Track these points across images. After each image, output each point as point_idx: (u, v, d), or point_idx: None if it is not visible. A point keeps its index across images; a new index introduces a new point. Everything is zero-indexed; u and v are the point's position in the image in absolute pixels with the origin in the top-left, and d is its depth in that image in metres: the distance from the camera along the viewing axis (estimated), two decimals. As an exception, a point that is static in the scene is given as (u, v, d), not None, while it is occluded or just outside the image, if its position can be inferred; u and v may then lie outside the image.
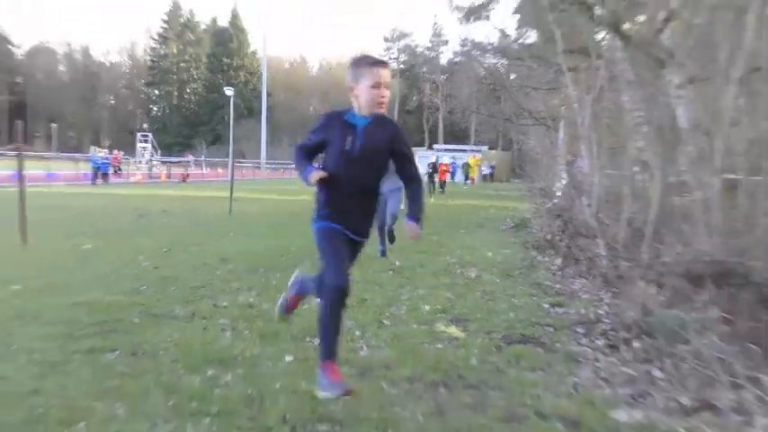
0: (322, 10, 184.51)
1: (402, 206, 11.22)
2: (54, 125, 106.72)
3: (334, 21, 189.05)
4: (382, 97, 5.07)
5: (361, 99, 5.09)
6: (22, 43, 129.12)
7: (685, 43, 11.03)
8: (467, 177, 59.96)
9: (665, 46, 11.48)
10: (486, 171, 70.65)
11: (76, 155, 66.00)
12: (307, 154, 5.22)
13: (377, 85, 5.03)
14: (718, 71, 9.57)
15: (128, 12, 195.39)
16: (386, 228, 12.05)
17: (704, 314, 6.58)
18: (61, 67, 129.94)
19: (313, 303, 8.10)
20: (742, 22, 9.85)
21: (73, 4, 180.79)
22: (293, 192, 37.81)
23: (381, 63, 5.18)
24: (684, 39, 11.14)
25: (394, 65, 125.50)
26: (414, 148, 5.77)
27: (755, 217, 8.47)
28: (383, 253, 12.01)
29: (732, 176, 9.30)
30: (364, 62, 5.16)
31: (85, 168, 48.28)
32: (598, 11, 13.19)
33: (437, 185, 40.93)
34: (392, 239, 12.19)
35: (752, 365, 5.61)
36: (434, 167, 41.16)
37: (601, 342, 6.96)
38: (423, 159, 42.13)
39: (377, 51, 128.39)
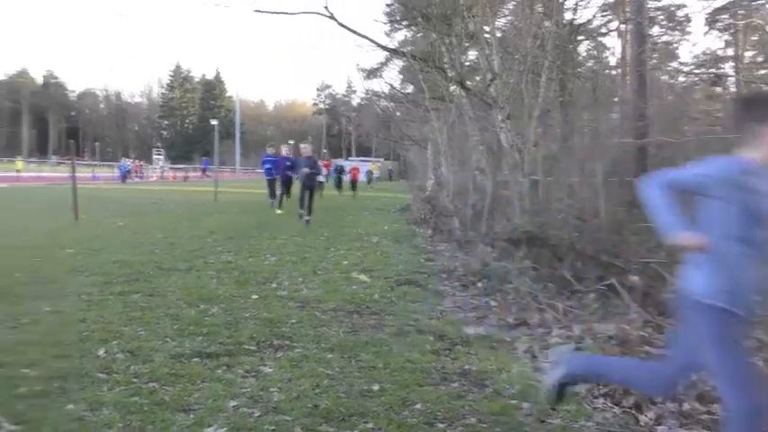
0: (276, 69, 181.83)
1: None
2: (97, 143, 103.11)
3: (285, 72, 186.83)
4: None
5: None
6: (75, 88, 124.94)
7: (504, 93, 11.18)
8: (369, 180, 53.74)
9: (492, 95, 11.60)
10: (377, 175, 66.74)
11: (112, 163, 63.91)
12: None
13: None
14: (524, 111, 9.74)
15: (147, 67, 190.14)
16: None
17: (520, 264, 6.67)
18: (101, 105, 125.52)
19: (267, 261, 7.96)
20: (538, 81, 10.08)
21: (111, 59, 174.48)
22: (254, 187, 37.35)
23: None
24: (503, 91, 11.29)
25: (322, 105, 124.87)
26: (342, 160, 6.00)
27: (549, 203, 8.66)
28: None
29: (535, 178, 9.48)
30: None
31: (117, 172, 46.90)
32: (450, 73, 13.24)
33: (349, 185, 32.23)
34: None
35: (550, 296, 5.70)
36: (341, 169, 34.99)
37: (456, 283, 7.00)
38: (346, 165, 39.46)
39: (311, 96, 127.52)
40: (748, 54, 28.16)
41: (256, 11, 13.53)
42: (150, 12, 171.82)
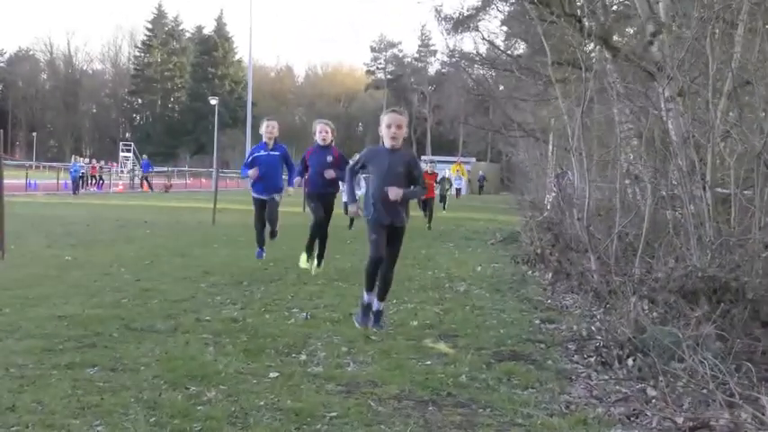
0: (309, 19, 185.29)
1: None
2: (35, 134, 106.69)
3: (320, 30, 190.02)
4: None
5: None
6: (3, 50, 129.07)
7: (675, 56, 11.05)
8: (443, 196, 43.02)
9: (655, 58, 11.51)
10: (460, 184, 65.07)
11: (56, 164, 65.95)
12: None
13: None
14: (708, 84, 9.58)
15: (111, 18, 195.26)
16: None
17: (698, 331, 6.55)
18: (43, 75, 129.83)
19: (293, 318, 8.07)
20: (732, 36, 9.90)
21: (57, 11, 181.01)
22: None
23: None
24: (674, 51, 11.16)
25: (381, 75, 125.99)
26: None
27: (747, 232, 8.46)
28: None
29: (723, 191, 9.31)
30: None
31: (66, 177, 48.29)
32: (587, 23, 13.22)
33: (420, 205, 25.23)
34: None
35: (747, 384, 5.58)
36: None
37: (593, 359, 6.93)
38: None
39: (363, 61, 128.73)
40: None
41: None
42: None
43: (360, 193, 11.96)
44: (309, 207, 11.61)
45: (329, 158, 11.11)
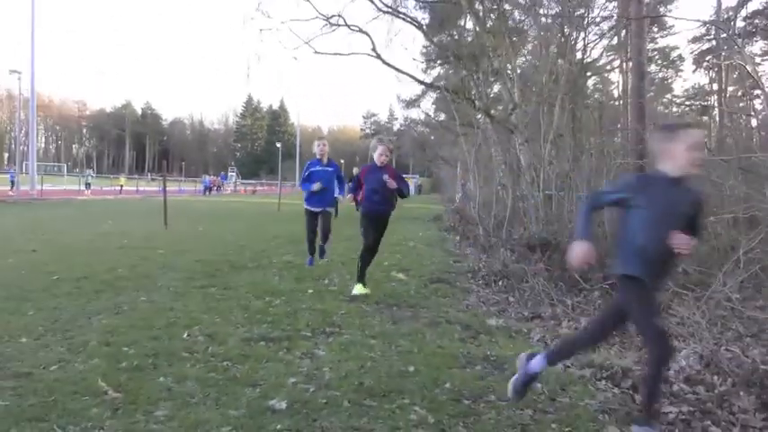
0: (330, 100, 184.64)
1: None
2: (183, 162, 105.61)
3: (337, 105, 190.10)
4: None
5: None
6: (166, 118, 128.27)
7: (523, 121, 11.11)
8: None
9: (513, 122, 11.51)
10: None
11: (195, 179, 65.49)
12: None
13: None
14: (540, 136, 9.65)
15: (222, 98, 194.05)
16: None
17: (536, 267, 6.59)
18: (187, 131, 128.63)
19: (320, 261, 7.93)
20: (552, 111, 9.99)
21: (193, 95, 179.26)
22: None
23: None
24: (523, 118, 11.20)
25: (368, 131, 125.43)
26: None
27: (561, 214, 8.54)
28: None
29: (549, 192, 9.38)
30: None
31: (200, 187, 48.01)
32: (478, 103, 13.20)
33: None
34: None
35: (560, 294, 5.62)
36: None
37: (481, 282, 6.96)
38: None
39: (358, 123, 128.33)
40: (730, 89, 27.58)
41: (316, 52, 13.85)
42: (229, 52, 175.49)
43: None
44: (361, 229, 6.46)
45: (385, 177, 6.16)
